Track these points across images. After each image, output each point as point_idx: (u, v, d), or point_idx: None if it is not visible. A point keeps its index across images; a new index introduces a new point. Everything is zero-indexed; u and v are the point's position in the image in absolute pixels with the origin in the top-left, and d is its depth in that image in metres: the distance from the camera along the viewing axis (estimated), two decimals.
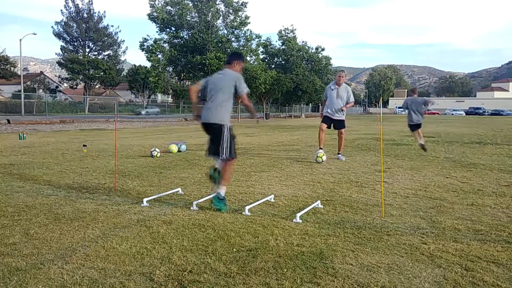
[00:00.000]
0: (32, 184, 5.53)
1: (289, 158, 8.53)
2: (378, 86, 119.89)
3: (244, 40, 32.42)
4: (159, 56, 30.94)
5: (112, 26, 68.25)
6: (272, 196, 4.80)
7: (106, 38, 54.11)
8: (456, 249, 3.13)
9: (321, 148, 8.31)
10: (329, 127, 8.44)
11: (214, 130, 4.36)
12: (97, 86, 56.05)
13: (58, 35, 52.17)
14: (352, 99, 8.44)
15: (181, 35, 31.82)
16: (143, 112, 42.96)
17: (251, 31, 32.57)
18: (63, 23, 51.97)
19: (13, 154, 8.85)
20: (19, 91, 41.49)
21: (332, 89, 8.34)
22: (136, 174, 6.42)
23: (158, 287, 2.46)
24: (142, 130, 20.00)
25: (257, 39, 33.06)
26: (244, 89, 4.42)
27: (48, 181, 5.80)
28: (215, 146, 4.32)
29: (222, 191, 4.30)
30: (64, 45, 52.93)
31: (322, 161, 7.82)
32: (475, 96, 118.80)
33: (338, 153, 8.53)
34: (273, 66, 48.07)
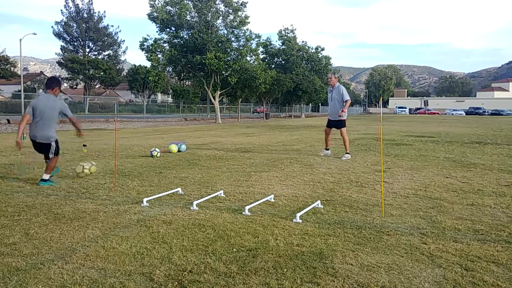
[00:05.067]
0: (32, 184, 5.53)
1: (289, 158, 8.54)
2: (378, 86, 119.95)
3: (244, 40, 32.35)
4: (159, 55, 30.89)
5: (112, 26, 68.37)
6: (272, 196, 4.79)
7: (106, 38, 54.14)
8: (456, 249, 3.13)
9: (327, 149, 9.05)
10: (329, 127, 8.96)
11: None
12: (97, 86, 56.09)
13: (58, 35, 52.20)
14: (346, 97, 8.57)
15: (181, 35, 31.76)
16: None
17: (250, 31, 32.51)
18: (63, 23, 52.00)
19: (13, 154, 8.85)
20: (19, 91, 41.46)
21: (330, 92, 8.86)
22: (136, 174, 6.42)
23: (158, 287, 2.47)
24: (142, 130, 20.01)
25: (256, 39, 32.96)
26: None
27: None
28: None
29: (46, 176, 5.54)
30: (64, 45, 52.96)
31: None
32: (475, 96, 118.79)
33: (347, 152, 8.59)
34: (273, 66, 48.01)
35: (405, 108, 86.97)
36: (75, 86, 53.91)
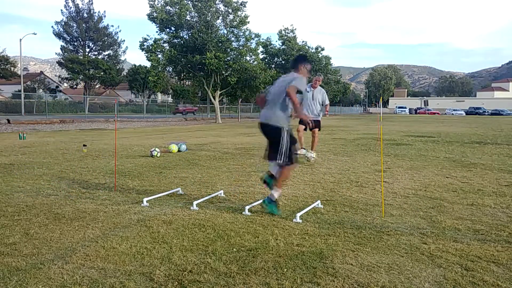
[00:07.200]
0: (32, 184, 5.53)
1: None
2: (378, 86, 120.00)
3: (243, 40, 32.32)
4: (159, 56, 30.86)
5: (112, 26, 68.32)
6: None
7: (106, 38, 54.05)
8: (456, 249, 3.13)
9: (302, 148, 8.78)
10: (305, 128, 8.75)
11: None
12: (97, 86, 56.02)
13: (58, 35, 52.13)
14: (327, 101, 8.91)
15: (181, 35, 31.75)
16: None
17: (250, 31, 32.47)
18: (63, 23, 51.92)
19: (13, 154, 8.85)
20: (19, 91, 41.51)
21: (308, 91, 8.74)
22: (136, 174, 6.42)
23: (158, 287, 2.47)
24: (142, 130, 20.00)
25: (256, 38, 32.91)
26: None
27: (48, 181, 5.80)
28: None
29: (276, 193, 4.12)
30: (64, 45, 52.88)
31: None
32: (475, 96, 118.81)
33: (311, 150, 8.58)
34: (273, 66, 48.00)
35: (405, 108, 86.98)
36: (75, 86, 53.88)
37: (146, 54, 30.48)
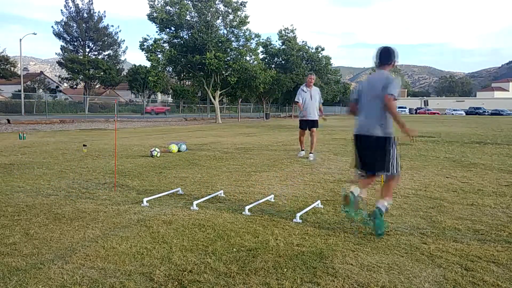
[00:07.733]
0: (32, 184, 5.53)
1: (289, 158, 8.54)
2: None
3: (243, 40, 32.31)
4: (159, 56, 30.84)
5: (112, 26, 68.28)
6: (272, 196, 4.80)
7: (106, 38, 54.02)
8: (456, 249, 3.13)
9: (302, 150, 9.16)
10: (305, 128, 8.93)
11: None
12: (97, 86, 56.01)
13: (58, 35, 52.11)
14: (321, 100, 9.10)
15: (181, 35, 31.74)
16: None
17: (250, 31, 32.45)
18: (63, 23, 51.90)
19: (13, 154, 8.85)
20: (19, 91, 41.51)
21: (305, 91, 8.82)
22: (136, 174, 6.42)
23: (158, 287, 2.47)
24: (142, 130, 19.99)
25: (256, 38, 32.89)
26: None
27: (48, 181, 5.80)
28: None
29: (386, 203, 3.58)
30: (64, 45, 52.86)
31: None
32: (475, 96, 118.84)
33: (310, 152, 8.60)
34: (273, 66, 47.97)
35: (405, 108, 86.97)
36: (75, 86, 53.87)
37: (146, 54, 30.47)
